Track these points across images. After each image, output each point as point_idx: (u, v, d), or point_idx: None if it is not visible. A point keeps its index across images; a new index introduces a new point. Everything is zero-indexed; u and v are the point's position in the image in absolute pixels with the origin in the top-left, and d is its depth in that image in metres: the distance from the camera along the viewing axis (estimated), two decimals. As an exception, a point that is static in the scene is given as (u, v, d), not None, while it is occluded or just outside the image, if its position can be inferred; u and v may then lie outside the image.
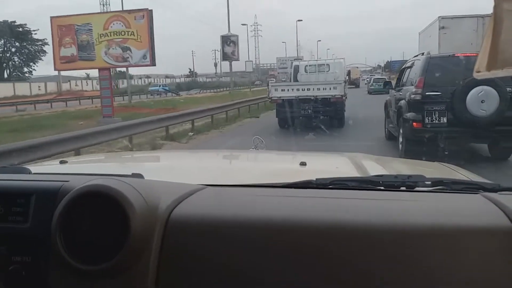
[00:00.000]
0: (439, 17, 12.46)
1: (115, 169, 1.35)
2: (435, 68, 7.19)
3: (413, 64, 8.25)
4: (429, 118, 6.99)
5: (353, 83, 43.65)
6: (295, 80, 15.10)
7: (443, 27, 12.23)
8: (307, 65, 15.68)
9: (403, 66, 9.68)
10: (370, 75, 48.22)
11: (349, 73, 18.94)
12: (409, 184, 1.07)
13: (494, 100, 6.63)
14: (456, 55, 7.29)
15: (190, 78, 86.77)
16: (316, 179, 1.10)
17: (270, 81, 16.97)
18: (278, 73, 50.37)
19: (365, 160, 1.77)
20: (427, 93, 7.01)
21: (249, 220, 0.89)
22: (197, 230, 0.89)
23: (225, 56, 45.83)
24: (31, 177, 1.10)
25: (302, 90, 13.14)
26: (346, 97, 13.49)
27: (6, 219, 0.93)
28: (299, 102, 12.95)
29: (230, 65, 46.52)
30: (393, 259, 0.80)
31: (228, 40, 45.39)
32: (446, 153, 6.68)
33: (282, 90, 13.39)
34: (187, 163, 2.02)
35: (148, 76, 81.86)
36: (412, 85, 7.53)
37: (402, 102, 7.84)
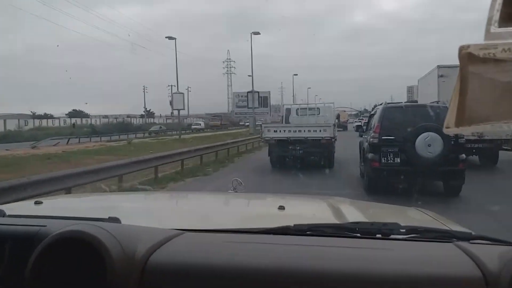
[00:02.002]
0: (437, 66, 13.24)
1: (92, 212, 1.34)
2: (390, 116, 8.46)
3: (375, 111, 9.53)
4: (385, 158, 8.16)
5: (341, 126, 44.70)
6: (287, 122, 15.66)
7: (441, 76, 12.93)
8: (298, 108, 16.46)
9: (371, 113, 10.99)
10: (358, 119, 49.00)
11: (338, 116, 19.49)
12: (384, 231, 1.10)
13: (439, 144, 7.82)
14: (407, 104, 8.56)
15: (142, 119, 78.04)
16: (294, 225, 1.11)
17: (262, 123, 17.70)
18: (236, 113, 47.93)
19: (343, 204, 1.80)
20: (383, 137, 8.22)
21: (224, 267, 0.90)
22: (173, 277, 0.89)
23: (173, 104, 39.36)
24: (6, 220, 1.08)
25: (294, 131, 13.54)
26: (335, 139, 13.89)
27: None
28: (291, 143, 13.28)
29: (178, 112, 41.27)
30: None
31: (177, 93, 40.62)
32: (401, 187, 7.82)
33: (274, 131, 13.84)
34: (164, 206, 2.04)
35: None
36: (372, 129, 8.77)
37: (365, 144, 9.05)
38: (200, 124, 66.87)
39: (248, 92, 47.47)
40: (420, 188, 7.97)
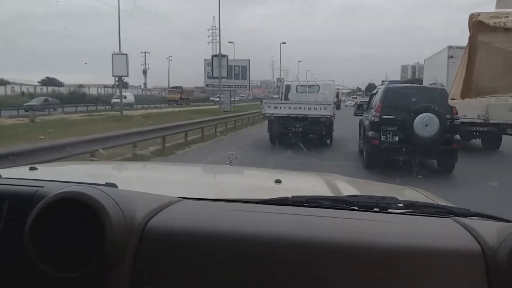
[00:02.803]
0: (448, 46, 13.25)
1: (88, 178, 1.33)
2: (391, 96, 8.94)
3: (377, 91, 9.98)
4: (384, 136, 8.66)
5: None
6: (286, 98, 15.55)
7: (451, 56, 12.79)
8: (298, 85, 16.27)
9: (372, 93, 11.44)
10: (352, 97, 47.13)
11: (337, 94, 18.99)
12: (382, 205, 1.09)
13: (435, 125, 8.32)
14: (407, 86, 9.02)
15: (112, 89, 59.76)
16: (292, 196, 1.11)
17: (263, 100, 17.11)
18: (207, 85, 37.34)
19: (339, 181, 1.80)
20: (383, 116, 8.70)
21: (224, 234, 0.90)
22: (172, 242, 0.89)
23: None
24: (3, 181, 1.07)
25: (294, 108, 13.57)
26: (334, 117, 13.94)
27: None
28: (291, 120, 13.35)
29: (120, 80, 35.01)
30: (364, 277, 0.83)
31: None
32: (400, 164, 8.38)
33: (275, 107, 13.88)
34: (162, 175, 2.01)
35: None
36: (373, 108, 9.25)
37: (367, 122, 9.54)
38: (125, 97, 44.64)
39: (213, 56, 37.24)
40: (417, 165, 8.53)
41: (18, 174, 1.42)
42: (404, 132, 8.50)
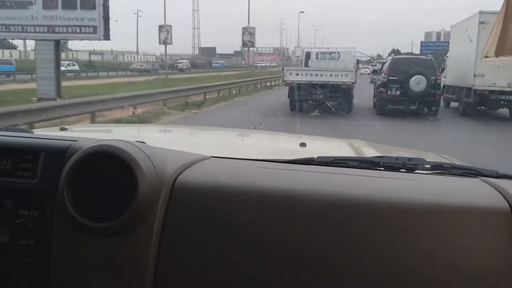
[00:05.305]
0: (479, 11, 12.71)
1: (118, 137, 1.22)
2: (395, 64, 13.56)
3: (386, 61, 14.58)
4: (390, 91, 13.18)
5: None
6: (306, 65, 15.67)
7: (483, 22, 12.34)
8: (318, 52, 16.28)
9: (383, 62, 16.03)
10: (371, 65, 45.62)
11: (358, 62, 18.98)
12: (409, 166, 1.10)
13: (424, 83, 12.78)
14: (406, 57, 13.59)
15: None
16: (318, 157, 1.13)
17: (284, 67, 17.11)
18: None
19: (364, 145, 1.84)
20: (390, 78, 13.20)
21: (252, 190, 0.91)
22: (201, 196, 0.91)
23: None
24: (37, 135, 1.09)
25: (315, 75, 13.69)
26: (355, 84, 14.21)
27: (14, 174, 0.94)
28: (312, 87, 13.49)
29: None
30: (392, 234, 0.83)
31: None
32: (401, 107, 12.98)
33: (296, 74, 14.02)
34: (188, 136, 2.09)
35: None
36: (383, 72, 13.82)
37: (378, 82, 14.11)
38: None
39: None
40: (412, 111, 13.08)
41: (49, 134, 1.40)
42: (403, 88, 12.98)
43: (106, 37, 13.68)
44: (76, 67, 39.98)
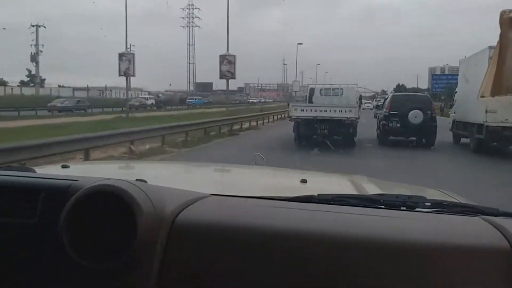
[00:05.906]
0: (489, 47, 12.84)
1: (119, 175, 1.29)
2: (395, 100, 15.53)
3: (388, 97, 16.66)
4: (391, 123, 14.97)
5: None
6: (310, 101, 15.95)
7: (492, 57, 12.31)
8: (322, 88, 16.61)
9: (385, 98, 18.14)
10: (375, 100, 46.56)
11: (360, 97, 19.44)
12: (409, 204, 1.10)
13: (421, 116, 14.57)
14: (405, 94, 15.71)
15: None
16: (318, 194, 1.13)
17: (290, 103, 17.15)
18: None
19: (365, 181, 1.83)
20: (391, 112, 15.03)
21: (251, 229, 0.91)
22: (201, 236, 0.91)
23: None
24: (38, 175, 1.11)
25: (319, 111, 14.20)
26: (358, 120, 14.65)
27: (14, 214, 0.95)
28: (316, 122, 14.01)
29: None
30: (391, 274, 0.83)
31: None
32: (402, 138, 14.71)
33: (301, 110, 14.60)
34: (189, 173, 2.12)
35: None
36: (385, 107, 15.70)
37: (381, 116, 15.98)
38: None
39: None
40: (412, 143, 14.78)
41: (51, 171, 1.42)
42: (403, 120, 14.77)
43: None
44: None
